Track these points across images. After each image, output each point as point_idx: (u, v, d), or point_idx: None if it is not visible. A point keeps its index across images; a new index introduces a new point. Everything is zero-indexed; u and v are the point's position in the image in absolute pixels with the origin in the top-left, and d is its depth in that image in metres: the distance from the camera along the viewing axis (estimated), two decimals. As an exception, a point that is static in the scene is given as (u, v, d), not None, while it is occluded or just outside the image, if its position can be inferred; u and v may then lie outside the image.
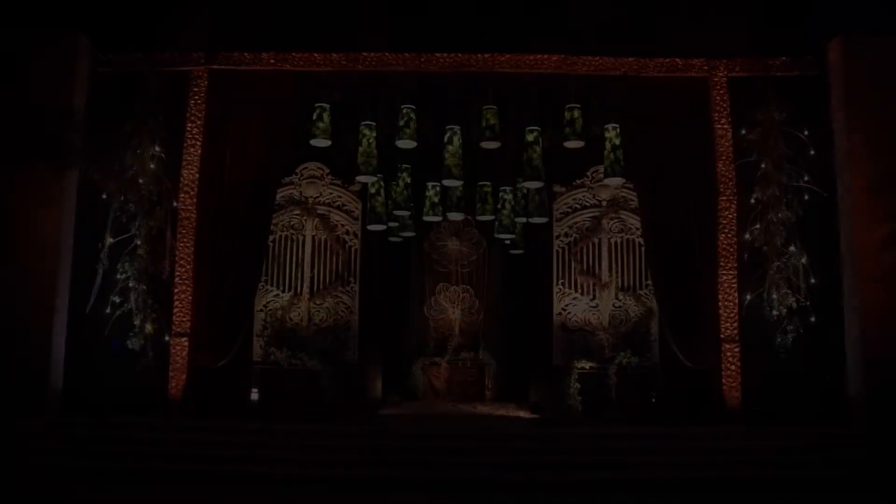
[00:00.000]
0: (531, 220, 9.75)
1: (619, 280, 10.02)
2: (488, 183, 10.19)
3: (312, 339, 9.87)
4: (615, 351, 9.65)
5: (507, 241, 12.45)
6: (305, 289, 10.00)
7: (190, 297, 9.01)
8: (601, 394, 9.47)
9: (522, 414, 9.72)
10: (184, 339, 8.92)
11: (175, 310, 8.98)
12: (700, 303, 8.98)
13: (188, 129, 9.24)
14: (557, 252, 10.12)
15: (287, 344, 9.74)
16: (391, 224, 11.42)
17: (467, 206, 11.15)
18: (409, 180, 10.30)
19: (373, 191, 9.72)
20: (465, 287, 12.12)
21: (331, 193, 10.28)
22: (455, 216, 10.86)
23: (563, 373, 9.54)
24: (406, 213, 10.83)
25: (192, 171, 9.19)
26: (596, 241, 10.14)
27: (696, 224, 9.11)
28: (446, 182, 8.99)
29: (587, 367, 9.43)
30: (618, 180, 9.00)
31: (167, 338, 8.95)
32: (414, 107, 8.93)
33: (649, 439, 8.10)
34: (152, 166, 9.07)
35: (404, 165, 10.31)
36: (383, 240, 10.69)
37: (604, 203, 10.24)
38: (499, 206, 10.62)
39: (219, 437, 8.13)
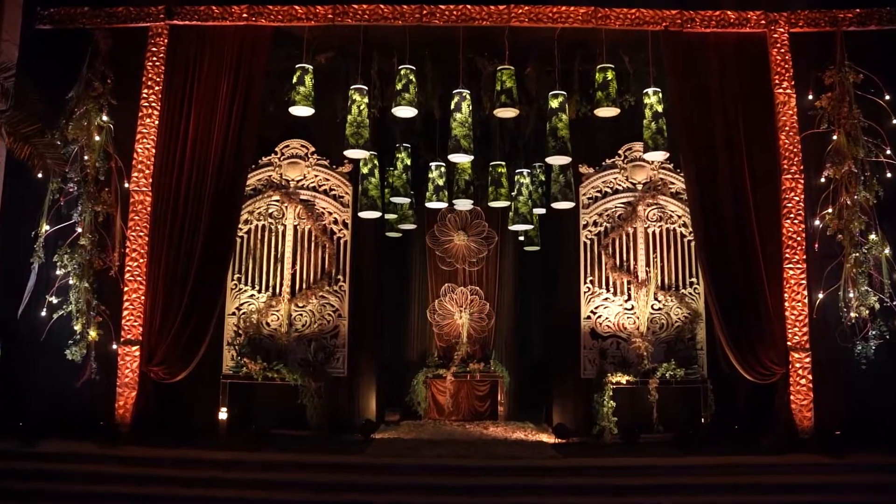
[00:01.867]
0: (555, 206, 8.15)
1: (659, 277, 8.41)
2: (502, 163, 8.63)
3: (293, 349, 8.29)
4: (655, 361, 8.04)
5: (521, 237, 11.01)
6: (285, 288, 8.43)
7: (143, 298, 7.45)
8: (640, 414, 7.89)
9: (544, 438, 8.10)
10: (134, 348, 7.35)
11: (125, 312, 7.43)
12: (761, 304, 7.38)
13: (144, 96, 7.73)
14: (585, 244, 8.53)
15: (263, 354, 8.17)
16: (388, 216, 9.92)
17: (477, 195, 9.72)
18: (408, 162, 8.78)
19: (365, 170, 8.15)
20: (474, 288, 10.57)
21: (316, 176, 8.72)
22: (463, 204, 9.33)
23: (594, 388, 7.92)
24: (405, 201, 9.30)
25: (148, 146, 7.66)
26: (630, 231, 8.55)
27: (754, 209, 7.53)
28: (453, 157, 7.41)
29: (623, 382, 7.82)
30: (660, 154, 7.41)
31: (114, 346, 7.40)
32: (413, 68, 7.40)
33: (708, 473, 6.50)
34: (98, 138, 7.55)
35: (404, 145, 8.80)
36: (378, 230, 9.13)
37: (639, 186, 8.65)
38: (514, 192, 9.06)
39: (174, 470, 6.56)
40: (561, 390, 8.45)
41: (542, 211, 9.48)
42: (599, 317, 8.35)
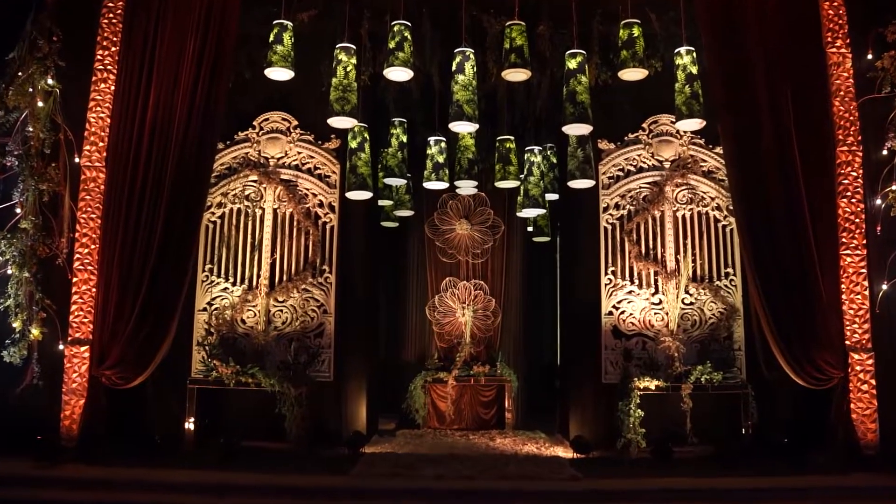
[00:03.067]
0: (572, 185, 7.07)
1: (691, 268, 7.34)
2: (510, 138, 7.57)
3: (272, 349, 7.24)
4: (687, 364, 6.98)
5: (530, 226, 9.97)
6: (263, 281, 7.37)
7: (94, 290, 6.42)
8: (670, 424, 6.82)
9: (560, 452, 7.05)
10: (84, 349, 6.31)
11: (73, 307, 6.40)
12: (814, 297, 6.31)
13: (98, 57, 6.70)
14: (605, 230, 7.46)
15: (237, 355, 7.12)
16: (382, 202, 8.88)
17: (482, 179, 8.68)
18: (404, 139, 7.72)
19: (354, 144, 7.09)
20: (478, 282, 9.54)
21: (299, 153, 7.68)
22: (465, 187, 8.27)
23: (617, 395, 6.85)
24: (401, 183, 8.27)
25: (102, 116, 6.63)
26: (657, 214, 7.49)
27: (805, 186, 6.46)
28: (455, 126, 6.34)
29: (652, 388, 6.75)
30: (695, 123, 6.33)
31: (61, 346, 6.37)
32: (409, 24, 6.35)
33: (759, 498, 5.44)
34: (43, 105, 6.51)
35: (399, 120, 7.75)
36: (369, 214, 8.08)
37: (666, 164, 7.59)
38: (524, 172, 8.01)
39: (125, 494, 5.52)
40: (578, 397, 7.38)
41: (555, 196, 8.44)
42: (623, 312, 7.28)
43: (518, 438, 8.01)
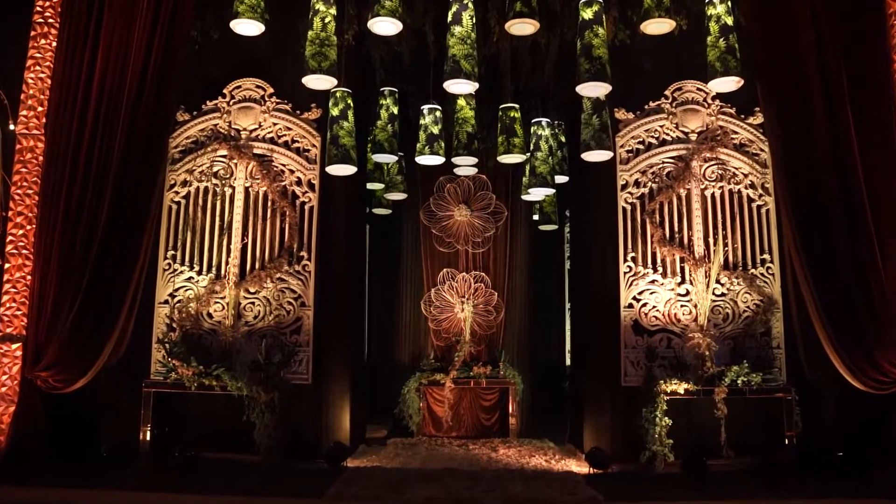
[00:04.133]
0: (587, 157, 6.12)
1: (723, 254, 6.39)
2: (515, 106, 6.65)
3: (242, 348, 6.30)
4: (720, 363, 6.03)
5: (536, 214, 9.09)
6: (233, 269, 6.44)
7: (29, 278, 5.52)
8: (701, 433, 5.89)
9: (574, 466, 6.12)
10: (15, 346, 5.42)
11: (4, 298, 5.51)
12: (874, 287, 5.38)
13: (38, 9, 5.86)
14: (624, 210, 6.52)
15: (202, 354, 6.19)
16: (372, 186, 7.99)
17: (483, 160, 7.80)
18: (394, 110, 6.83)
19: (336, 112, 6.16)
20: (479, 274, 8.65)
21: (275, 124, 6.74)
22: (464, 165, 7.41)
23: (640, 399, 5.90)
24: (391, 160, 7.36)
25: (42, 77, 5.76)
26: (682, 193, 6.54)
27: (861, 160, 5.54)
28: (452, 85, 5.43)
29: (680, 391, 5.81)
30: (731, 82, 5.44)
31: (-11, 344, 5.46)
32: (397, -32, 5.43)
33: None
34: (-33, 62, 5.60)
35: (389, 89, 6.85)
36: (354, 193, 7.14)
37: (693, 136, 6.64)
38: (530, 148, 7.10)
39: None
40: (594, 402, 6.42)
41: (564, 179, 7.52)
42: (645, 305, 6.33)
43: (524, 449, 7.08)
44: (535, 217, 9.15)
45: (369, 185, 8.04)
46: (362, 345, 7.75)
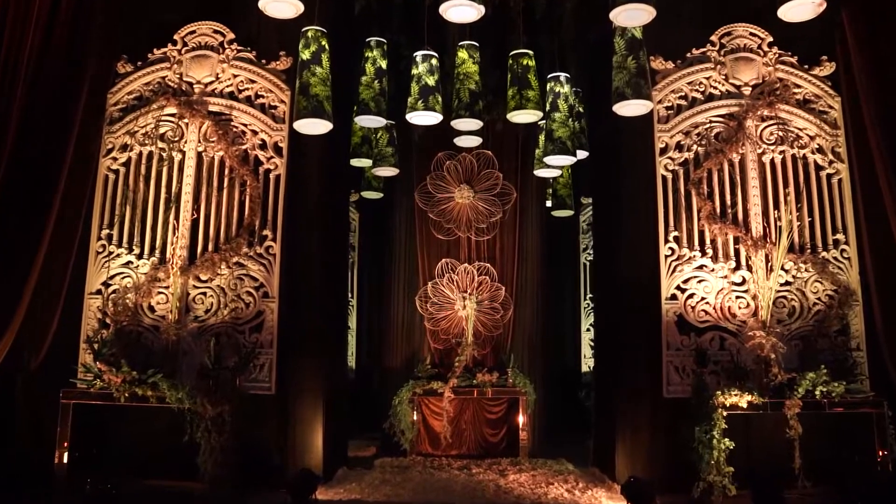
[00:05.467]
0: (619, 110, 4.86)
1: (792, 231, 5.14)
2: (529, 52, 5.42)
3: (190, 348, 5.07)
4: (790, 370, 4.78)
5: (549, 197, 7.91)
6: (180, 252, 5.21)
7: None
8: (766, 456, 4.64)
9: (604, 499, 4.87)
10: None
11: None
12: None
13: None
14: (663, 179, 5.29)
15: (141, 357, 4.98)
16: (358, 162, 6.80)
17: (488, 133, 6.64)
18: (382, 64, 5.61)
19: (307, 55, 4.91)
20: (484, 265, 7.43)
21: (235, 76, 5.54)
22: (466, 134, 6.21)
23: (690, 415, 4.64)
24: (378, 123, 6.11)
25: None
26: (735, 158, 5.31)
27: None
28: (448, 10, 4.21)
29: (742, 405, 4.55)
30: (807, 5, 4.21)
31: None
32: None
33: None
34: None
35: (376, 39, 5.64)
36: (332, 159, 5.90)
37: (746, 91, 5.41)
38: (546, 108, 5.87)
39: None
40: (628, 417, 5.14)
41: (582, 154, 6.29)
42: (692, 296, 5.09)
43: (539, 473, 5.83)
44: (549, 204, 7.96)
45: (355, 162, 6.83)
46: (343, 347, 6.52)
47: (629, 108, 4.84)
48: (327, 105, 4.89)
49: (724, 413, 4.50)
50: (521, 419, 6.83)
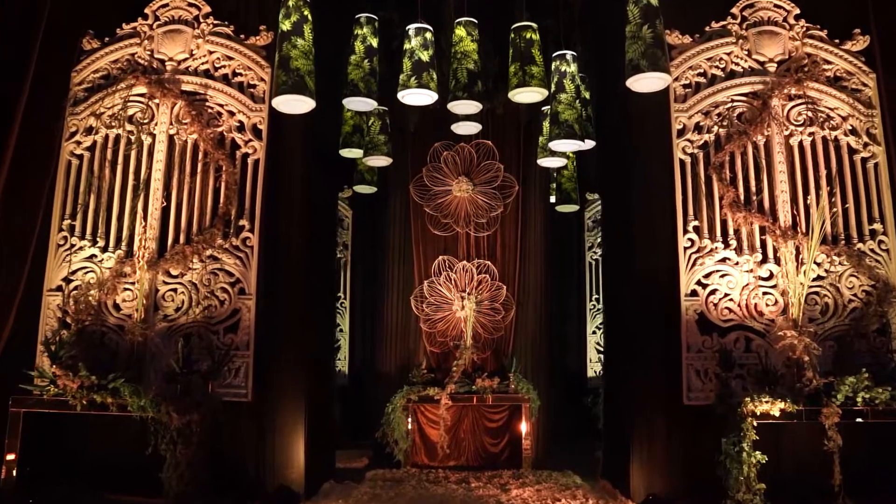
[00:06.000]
0: (633, 85, 4.36)
1: (825, 221, 4.64)
2: (532, 25, 4.93)
3: (159, 350, 4.57)
4: (824, 374, 4.28)
5: (553, 192, 7.48)
6: (148, 245, 4.72)
7: None
8: (799, 470, 4.14)
9: (618, 518, 4.37)
10: None
11: None
12: None
13: None
14: (681, 163, 4.80)
15: (106, 359, 4.49)
16: (347, 152, 6.33)
17: (488, 121, 6.20)
18: (373, 42, 5.12)
19: (287, 26, 4.40)
20: (484, 263, 6.97)
21: (211, 53, 5.07)
22: (465, 119, 5.73)
23: (715, 424, 4.14)
24: (368, 107, 5.61)
25: None
26: (760, 141, 4.83)
27: None
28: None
29: (775, 413, 4.05)
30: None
31: None
32: None
33: None
34: None
35: (366, 16, 5.16)
36: (316, 144, 5.42)
37: (771, 67, 4.93)
38: (551, 87, 5.39)
39: None
40: (644, 427, 4.62)
41: (590, 144, 5.79)
42: (714, 292, 4.60)
43: (544, 487, 5.34)
44: (552, 199, 7.49)
45: (345, 153, 6.34)
46: (330, 349, 6.01)
47: (644, 82, 4.31)
48: (309, 80, 4.40)
49: (755, 422, 4.00)
50: (523, 428, 6.35)
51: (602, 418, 5.97)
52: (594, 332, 8.23)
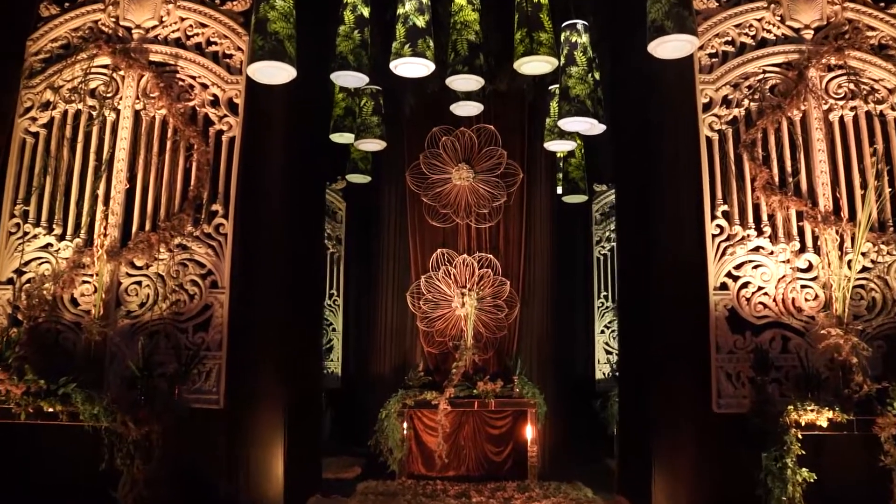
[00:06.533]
0: (654, 51, 3.81)
1: (874, 206, 4.12)
2: (541, -9, 4.42)
3: (121, 350, 4.07)
4: (874, 378, 3.76)
5: (559, 182, 6.99)
6: (110, 232, 4.21)
7: None
8: (856, 491, 3.61)
9: (639, 542, 3.85)
10: None
11: None
12: None
13: None
14: (708, 141, 4.28)
15: (60, 361, 3.99)
16: (338, 137, 5.84)
17: (490, 104, 5.72)
18: (364, 12, 4.61)
19: (264, -14, 3.93)
20: (486, 257, 6.49)
21: (183, 20, 4.56)
22: (464, 98, 5.26)
23: (751, 436, 3.62)
24: (359, 82, 5.09)
25: None
26: (796, 116, 4.31)
27: None
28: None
29: (822, 423, 3.53)
30: None
31: None
32: None
33: None
34: None
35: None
36: (300, 120, 4.90)
37: (807, 34, 4.42)
38: (561, 60, 4.87)
39: None
40: (669, 439, 4.10)
41: (602, 128, 5.26)
42: (746, 285, 4.08)
43: (552, 502, 4.81)
44: (559, 190, 6.98)
45: (336, 138, 5.85)
46: (316, 350, 5.47)
47: (669, 46, 3.78)
48: (290, 46, 3.89)
49: (797, 433, 3.48)
50: (529, 435, 5.85)
51: (614, 425, 5.46)
52: (602, 332, 7.72)
